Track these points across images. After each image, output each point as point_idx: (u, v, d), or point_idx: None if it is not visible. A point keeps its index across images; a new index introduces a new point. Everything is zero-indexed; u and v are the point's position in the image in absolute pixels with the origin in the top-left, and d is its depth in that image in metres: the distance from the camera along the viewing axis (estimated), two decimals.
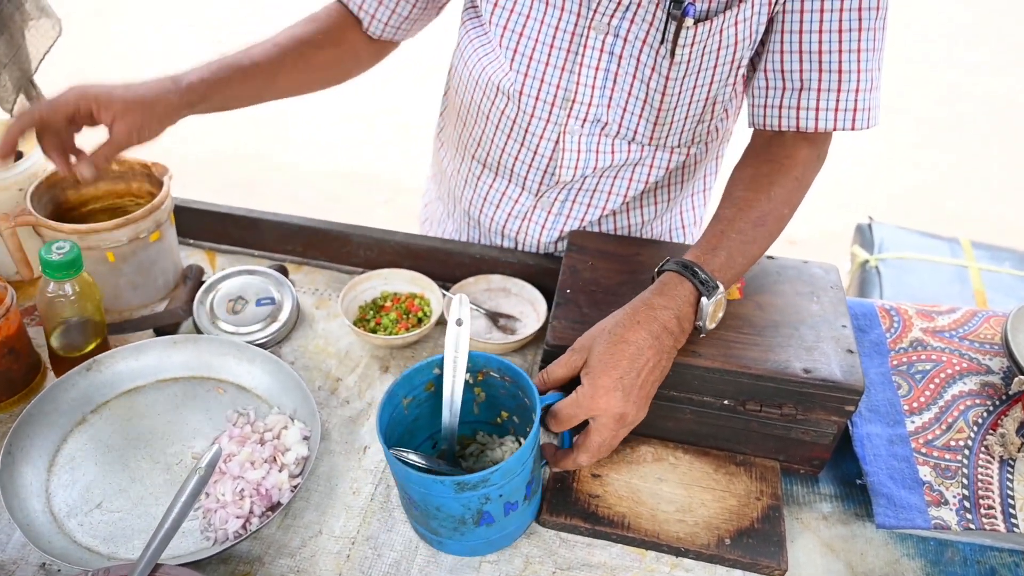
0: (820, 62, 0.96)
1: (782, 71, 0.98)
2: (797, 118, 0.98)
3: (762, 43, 1.00)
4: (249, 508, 0.82)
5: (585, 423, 0.84)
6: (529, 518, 0.85)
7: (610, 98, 1.05)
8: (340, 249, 1.22)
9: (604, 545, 0.86)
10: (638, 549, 0.86)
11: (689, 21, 0.94)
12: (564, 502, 0.87)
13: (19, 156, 1.15)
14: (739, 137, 1.19)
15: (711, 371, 0.88)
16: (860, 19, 0.93)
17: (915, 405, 0.96)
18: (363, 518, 0.87)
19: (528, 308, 1.13)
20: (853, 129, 0.98)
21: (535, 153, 1.12)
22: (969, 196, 3.58)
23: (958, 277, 1.89)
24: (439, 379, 0.85)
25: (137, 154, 1.17)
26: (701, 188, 1.26)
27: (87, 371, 0.94)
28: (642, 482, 0.91)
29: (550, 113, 1.08)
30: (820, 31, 0.94)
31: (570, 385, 0.84)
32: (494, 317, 1.11)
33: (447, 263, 1.19)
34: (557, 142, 1.09)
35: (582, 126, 1.08)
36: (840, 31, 0.94)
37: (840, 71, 0.96)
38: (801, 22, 0.95)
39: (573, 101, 1.06)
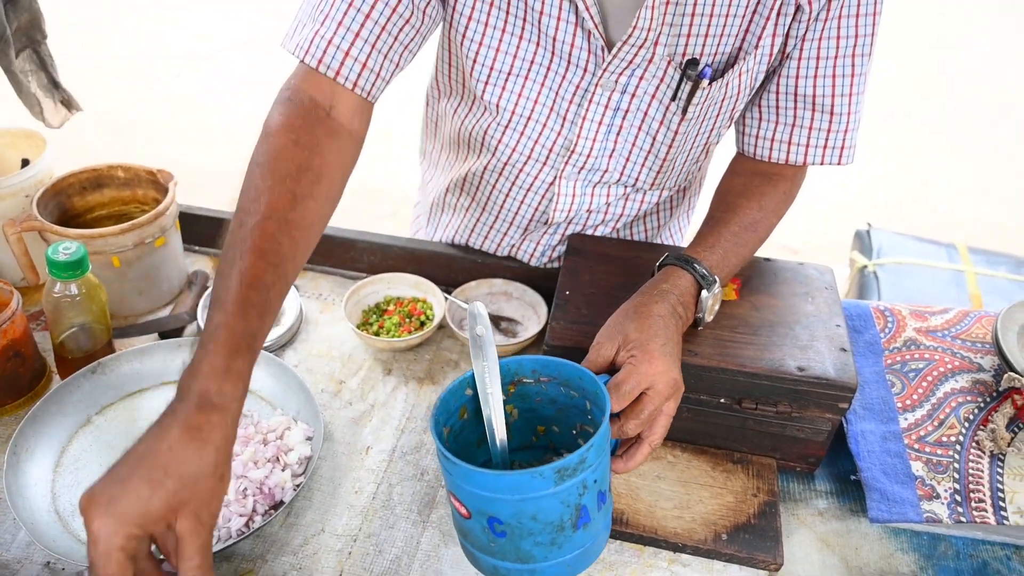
0: (814, 104, 0.99)
1: (776, 107, 1.01)
2: (788, 152, 1.02)
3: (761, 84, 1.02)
4: (252, 507, 0.83)
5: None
6: (609, 519, 0.78)
7: (612, 150, 1.05)
8: (344, 255, 1.23)
9: None
10: (636, 545, 0.87)
11: (705, 83, 0.96)
12: None
13: (25, 163, 1.17)
14: (717, 156, 1.21)
15: (707, 370, 0.90)
16: (854, 65, 0.96)
17: (908, 403, 0.98)
18: (365, 517, 0.88)
19: (530, 312, 1.15)
20: (839, 164, 1.02)
21: (527, 192, 1.11)
22: (966, 203, 3.60)
23: (955, 281, 1.92)
24: (471, 401, 0.79)
25: (143, 161, 1.20)
26: (686, 209, 1.28)
27: (92, 373, 0.96)
28: (640, 480, 0.92)
29: (547, 159, 1.07)
30: (815, 76, 0.97)
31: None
32: (496, 320, 1.13)
33: (450, 268, 1.20)
34: (552, 184, 1.09)
35: (579, 173, 1.07)
36: (834, 76, 0.96)
37: (832, 112, 0.99)
38: (798, 68, 0.97)
39: (572, 152, 1.05)
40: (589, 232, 1.16)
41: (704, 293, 0.90)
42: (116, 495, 0.60)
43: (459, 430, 0.79)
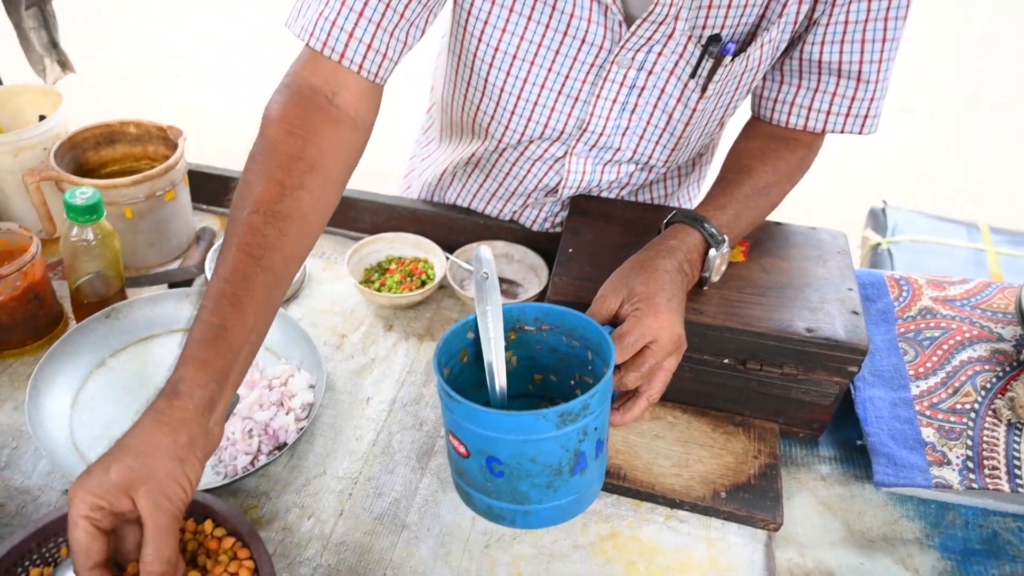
0: (839, 71, 0.94)
1: (800, 72, 0.97)
2: (807, 118, 0.98)
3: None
4: (257, 446, 0.85)
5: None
6: (603, 469, 0.78)
7: (626, 128, 1.02)
8: (347, 215, 1.24)
9: (600, 495, 0.87)
10: (634, 500, 0.87)
11: (728, 59, 0.92)
12: None
13: (42, 119, 1.19)
14: (730, 123, 1.18)
15: (712, 328, 0.89)
16: (886, 29, 0.91)
17: (921, 370, 0.96)
18: (365, 461, 0.89)
19: (530, 274, 1.14)
20: (861, 133, 0.98)
21: (535, 162, 1.08)
22: (991, 185, 3.52)
23: (974, 261, 1.85)
24: (472, 344, 0.79)
25: (154, 117, 1.22)
26: (697, 178, 1.25)
27: (106, 318, 0.98)
28: (639, 438, 0.91)
29: (559, 136, 1.03)
30: (843, 42, 0.92)
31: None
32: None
33: (452, 229, 1.20)
34: (562, 158, 1.06)
35: (590, 150, 1.04)
36: (863, 41, 0.91)
37: (859, 79, 0.94)
38: (824, 33, 0.92)
39: (584, 130, 1.01)
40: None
41: (712, 252, 0.88)
42: (87, 472, 0.63)
43: (458, 373, 0.79)
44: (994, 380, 0.93)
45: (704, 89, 0.96)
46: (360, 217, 1.23)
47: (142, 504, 0.61)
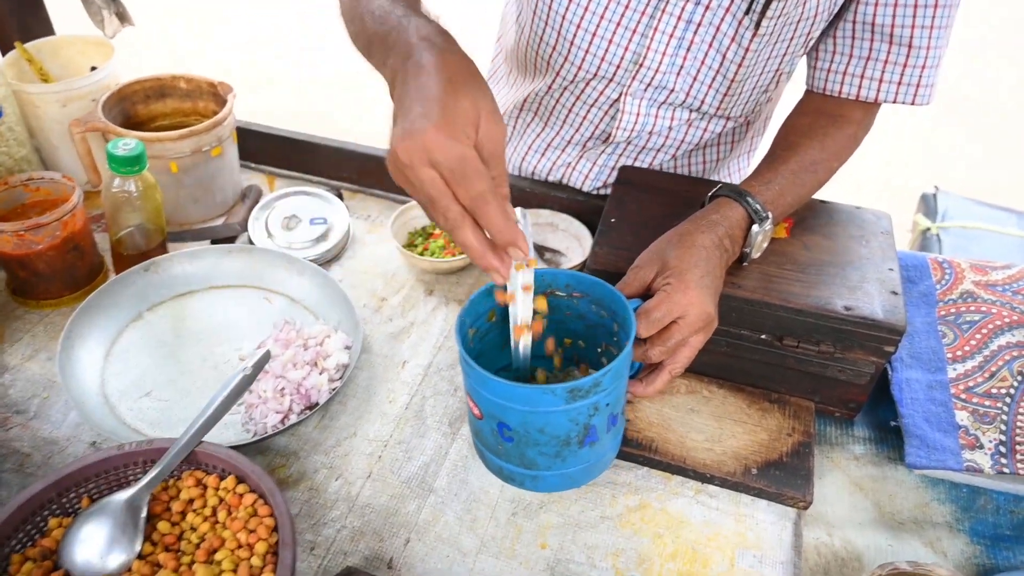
0: (891, 35, 0.93)
1: (852, 38, 0.96)
2: (859, 86, 0.97)
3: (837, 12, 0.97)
4: (288, 406, 0.86)
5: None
6: (619, 441, 0.81)
7: (680, 66, 1.02)
8: None
9: (631, 467, 0.87)
10: (664, 473, 0.87)
11: None
12: None
13: (93, 71, 1.20)
14: (785, 98, 1.18)
15: (750, 303, 0.88)
16: None
17: (959, 353, 0.95)
18: (397, 424, 0.90)
19: (574, 243, 1.14)
20: (913, 104, 0.97)
21: (591, 107, 1.09)
22: None
23: (1022, 249, 1.83)
24: (502, 307, 0.79)
25: (206, 73, 1.22)
26: (748, 149, 1.24)
27: (145, 271, 0.99)
28: (674, 411, 0.91)
29: (614, 74, 1.04)
30: (896, 4, 0.91)
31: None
32: (540, 251, 1.12)
33: None
34: (617, 101, 1.07)
35: (645, 90, 1.05)
36: (916, 5, 0.91)
37: (911, 46, 0.93)
38: None
39: (640, 65, 1.02)
40: (647, 158, 1.14)
41: (755, 228, 0.87)
42: (425, 121, 0.59)
43: (485, 332, 0.80)
44: None
45: (758, 26, 0.95)
46: None
47: (486, 130, 0.61)
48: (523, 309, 0.74)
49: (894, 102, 0.98)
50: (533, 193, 1.18)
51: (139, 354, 0.94)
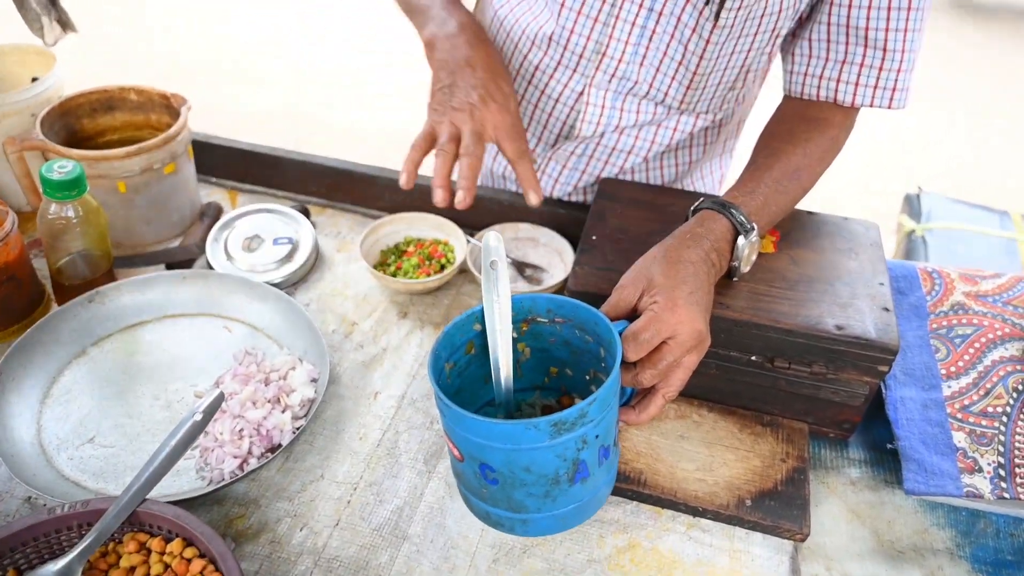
0: (866, 38, 0.93)
1: (827, 41, 0.95)
2: (836, 91, 0.96)
3: (808, 13, 0.96)
4: (248, 448, 0.79)
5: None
6: (614, 469, 0.76)
7: (643, 56, 1.01)
8: (365, 192, 1.18)
9: (619, 502, 0.82)
10: (654, 507, 0.82)
11: None
12: None
13: (36, 80, 1.12)
14: (761, 103, 1.16)
15: (739, 324, 0.83)
16: None
17: (952, 369, 0.91)
18: (368, 464, 0.84)
19: (556, 258, 1.09)
20: (889, 107, 0.96)
21: (556, 102, 1.08)
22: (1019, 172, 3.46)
23: (1006, 249, 1.83)
24: (480, 336, 0.76)
25: (156, 84, 1.15)
26: (721, 151, 1.22)
27: (89, 303, 0.92)
28: (663, 439, 0.86)
29: (578, 64, 1.03)
30: (869, 7, 0.91)
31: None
32: (520, 267, 1.07)
33: (475, 209, 1.14)
34: (581, 94, 1.05)
35: (609, 81, 1.03)
36: (889, 8, 0.90)
37: (885, 49, 0.93)
38: None
39: (603, 55, 1.01)
40: (619, 160, 1.11)
41: (741, 240, 0.84)
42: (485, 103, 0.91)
43: (464, 366, 0.76)
44: None
45: (717, 17, 0.93)
46: (379, 195, 1.17)
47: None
48: (505, 357, 0.72)
49: (871, 106, 0.97)
50: (512, 206, 1.13)
51: (82, 395, 0.86)
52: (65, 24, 1.20)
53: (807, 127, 0.97)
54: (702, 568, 0.77)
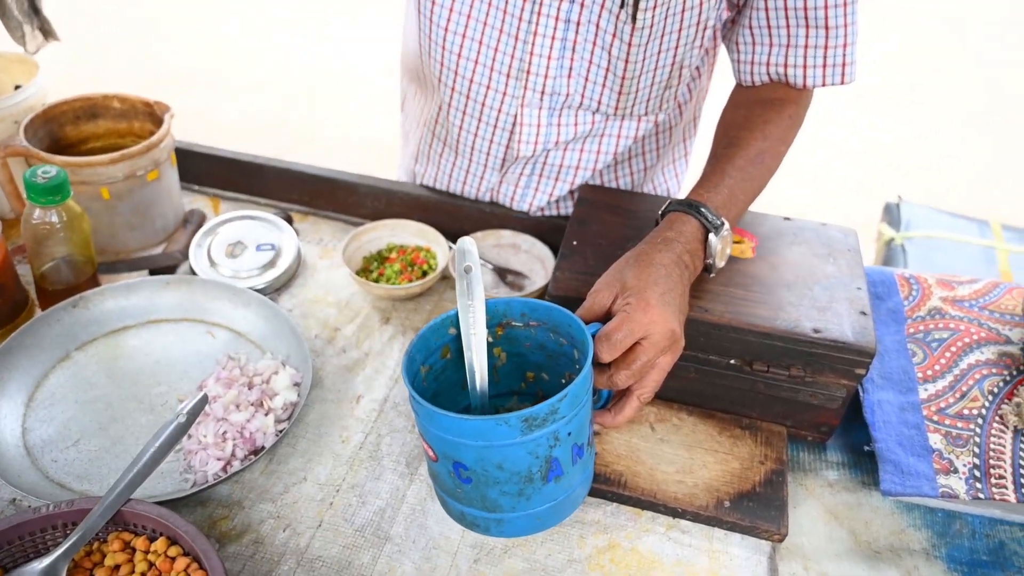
0: (807, 18, 0.93)
1: (768, 27, 0.96)
2: (785, 76, 0.97)
3: (744, 1, 0.97)
4: (231, 451, 0.80)
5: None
6: (590, 469, 0.76)
7: (569, 68, 1.00)
8: (347, 199, 1.18)
9: (599, 503, 0.83)
10: (634, 508, 0.83)
11: None
12: None
13: (19, 88, 1.13)
14: (715, 96, 1.16)
15: (718, 327, 0.84)
16: None
17: (929, 373, 0.93)
18: (350, 466, 0.84)
19: (537, 265, 1.10)
20: (842, 83, 0.97)
21: (494, 128, 1.07)
22: (1008, 186, 3.50)
23: (985, 258, 1.85)
24: (455, 341, 0.76)
25: (139, 92, 1.15)
26: (682, 153, 1.22)
27: (73, 308, 0.92)
28: (643, 442, 0.87)
29: (506, 85, 1.02)
30: None
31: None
32: (502, 273, 1.08)
33: (456, 216, 1.15)
34: (516, 116, 1.04)
35: (541, 99, 1.03)
36: None
37: (827, 27, 0.93)
38: None
39: (528, 72, 1.00)
40: (569, 177, 1.11)
41: (712, 238, 0.85)
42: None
43: (440, 370, 0.76)
44: (1001, 384, 0.90)
45: (634, 19, 0.93)
46: (361, 202, 1.18)
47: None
48: (480, 362, 0.72)
49: (823, 85, 0.97)
50: (493, 214, 1.14)
51: (66, 399, 0.87)
52: (47, 32, 1.21)
53: (763, 109, 0.98)
54: (681, 568, 0.78)
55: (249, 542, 0.76)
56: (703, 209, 0.85)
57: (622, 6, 0.93)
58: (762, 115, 0.97)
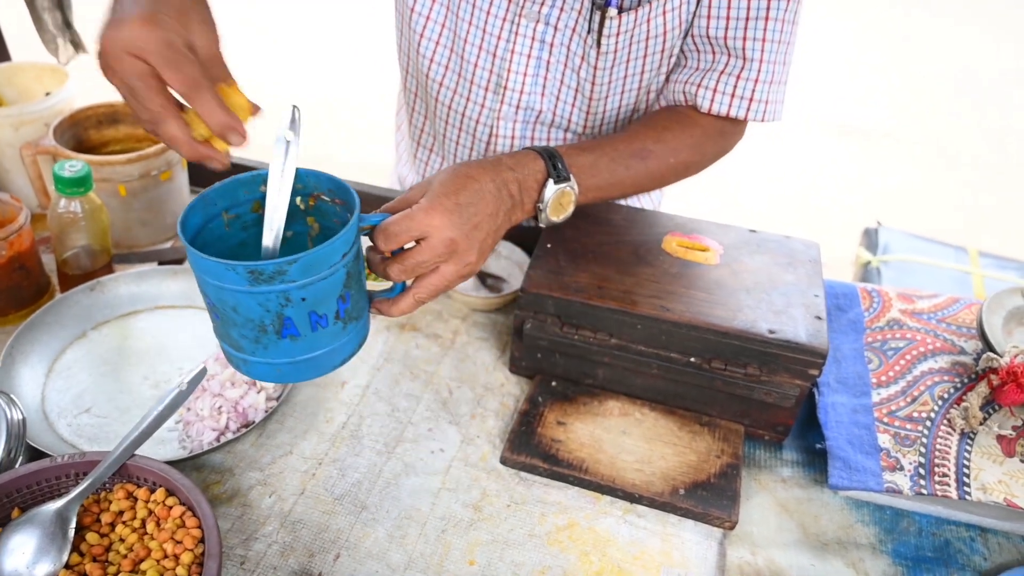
0: (726, 47, 0.96)
1: (696, 50, 1.00)
2: (695, 95, 1.00)
3: None
4: (225, 423, 0.87)
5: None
6: (346, 348, 0.75)
7: (543, 86, 1.05)
8: None
9: (561, 487, 0.88)
10: (594, 493, 0.89)
11: (612, 11, 0.95)
12: (526, 443, 0.91)
13: (49, 94, 1.22)
14: None
15: (679, 326, 0.91)
16: (769, 7, 0.94)
17: (883, 379, 0.98)
18: (332, 443, 0.91)
19: (516, 270, 1.16)
20: (745, 119, 1.00)
21: (473, 137, 1.12)
22: (978, 217, 3.52)
23: (960, 283, 1.88)
24: (265, 198, 0.73)
25: None
26: None
27: (91, 291, 1.01)
28: (605, 433, 0.93)
29: (484, 98, 1.07)
30: (728, 17, 0.95)
31: None
32: (482, 276, 1.15)
33: None
34: (491, 128, 1.10)
35: (516, 112, 1.08)
36: (747, 19, 0.94)
37: (744, 58, 0.96)
38: (710, 7, 0.95)
39: (505, 88, 1.05)
40: None
41: (550, 183, 0.85)
42: (134, 9, 0.63)
43: (251, 223, 0.77)
44: (952, 391, 0.95)
45: (599, 45, 0.98)
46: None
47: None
48: (273, 219, 0.70)
49: (727, 115, 0.99)
50: None
51: (81, 372, 0.95)
52: (77, 45, 1.31)
53: (667, 119, 1.01)
54: (635, 547, 0.83)
55: (238, 504, 0.83)
56: (556, 158, 0.86)
57: (589, 31, 0.98)
58: (664, 122, 1.00)
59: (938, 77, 4.84)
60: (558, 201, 0.88)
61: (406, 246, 0.75)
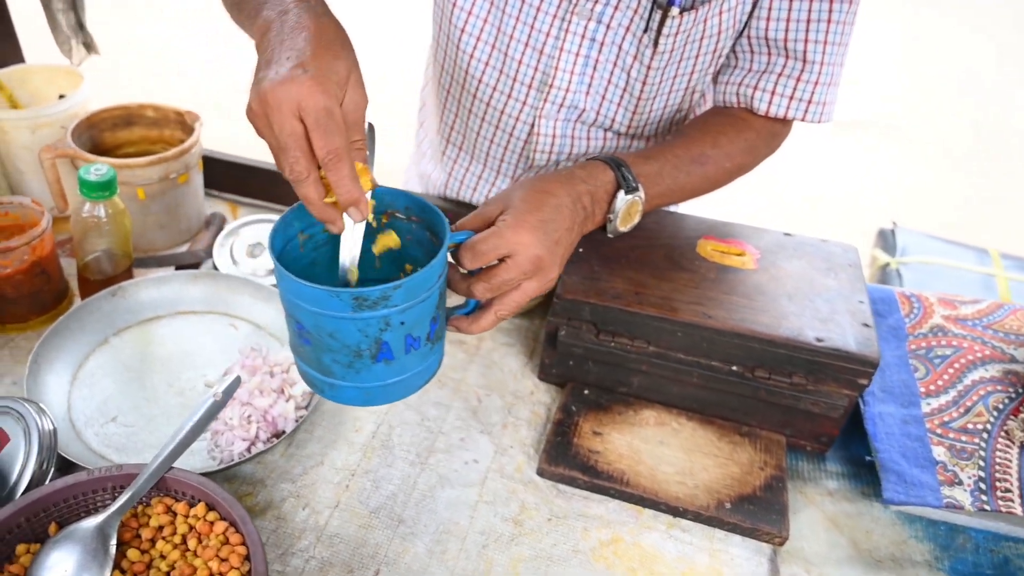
0: (786, 49, 0.95)
1: (750, 52, 0.99)
2: (752, 97, 0.99)
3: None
4: (255, 433, 0.84)
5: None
6: (432, 367, 0.76)
7: (589, 85, 1.03)
8: None
9: (601, 500, 0.85)
10: (635, 506, 0.85)
11: (675, 11, 0.93)
12: (563, 454, 0.87)
13: (62, 98, 1.19)
14: None
15: (721, 333, 0.87)
16: (831, 11, 0.93)
17: (932, 388, 0.94)
18: (364, 454, 0.87)
19: None
20: (804, 120, 0.99)
21: (510, 136, 1.10)
22: (999, 213, 3.51)
23: (984, 285, 1.84)
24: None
25: (171, 102, 1.22)
26: None
27: (112, 296, 0.98)
28: (643, 443, 0.90)
29: (527, 96, 1.06)
30: (788, 19, 0.94)
31: None
32: None
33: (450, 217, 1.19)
34: (532, 126, 1.08)
35: (558, 111, 1.06)
36: (808, 20, 0.93)
37: (804, 60, 0.95)
38: (770, 9, 0.94)
39: (550, 86, 1.03)
40: None
41: (620, 194, 0.86)
42: (302, 72, 0.62)
43: (322, 242, 0.77)
44: (1007, 401, 0.91)
45: (656, 44, 0.96)
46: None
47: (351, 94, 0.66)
48: (351, 245, 0.71)
49: (785, 117, 0.99)
50: None
51: (105, 379, 0.92)
52: (90, 47, 1.29)
53: (722, 122, 1.00)
54: (683, 564, 0.80)
55: (272, 517, 0.80)
56: (624, 168, 0.87)
57: (645, 31, 0.96)
58: (719, 126, 0.99)
59: (946, 77, 4.83)
60: (628, 211, 0.88)
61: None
